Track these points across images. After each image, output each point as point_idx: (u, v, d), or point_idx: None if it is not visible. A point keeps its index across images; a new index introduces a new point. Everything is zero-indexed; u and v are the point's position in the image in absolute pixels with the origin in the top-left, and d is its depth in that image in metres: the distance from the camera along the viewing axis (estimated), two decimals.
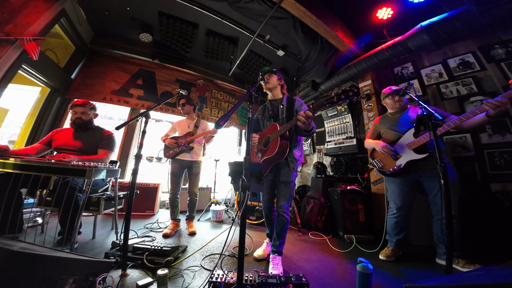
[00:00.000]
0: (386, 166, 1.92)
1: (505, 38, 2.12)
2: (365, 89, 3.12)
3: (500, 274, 0.67)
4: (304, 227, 2.77)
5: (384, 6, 2.62)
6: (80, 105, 2.07)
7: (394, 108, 2.02)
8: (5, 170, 1.50)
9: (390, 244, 1.90)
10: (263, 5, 2.52)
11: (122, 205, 2.36)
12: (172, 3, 2.83)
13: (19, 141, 2.92)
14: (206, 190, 3.80)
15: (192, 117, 2.76)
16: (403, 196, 1.83)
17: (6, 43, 2.12)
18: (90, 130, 2.13)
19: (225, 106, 4.92)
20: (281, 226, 1.69)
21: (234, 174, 1.15)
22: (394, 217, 1.88)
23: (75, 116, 2.05)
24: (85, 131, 2.10)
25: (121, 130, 2.83)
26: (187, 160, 2.55)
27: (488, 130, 2.09)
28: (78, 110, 2.05)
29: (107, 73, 3.69)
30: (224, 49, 3.76)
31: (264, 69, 1.82)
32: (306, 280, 1.23)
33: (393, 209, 1.90)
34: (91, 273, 1.07)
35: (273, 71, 1.85)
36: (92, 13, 3.13)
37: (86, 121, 2.09)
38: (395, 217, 1.87)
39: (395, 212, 1.87)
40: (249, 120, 1.14)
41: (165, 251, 1.57)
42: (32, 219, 2.28)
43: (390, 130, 1.96)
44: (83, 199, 1.60)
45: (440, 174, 1.21)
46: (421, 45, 2.42)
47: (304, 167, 4.43)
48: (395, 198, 1.88)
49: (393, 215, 1.89)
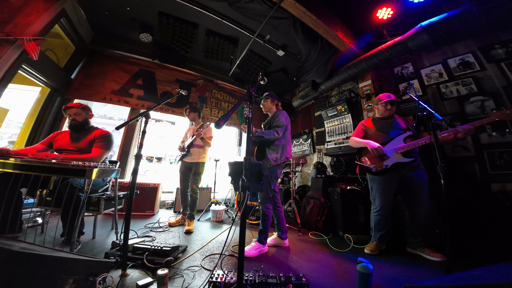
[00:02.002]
0: (373, 165, 2.03)
1: (505, 38, 2.12)
2: (365, 89, 3.12)
3: (501, 274, 0.67)
4: (304, 227, 2.77)
5: (384, 6, 2.62)
6: (70, 107, 2.09)
7: (383, 115, 2.14)
8: (5, 170, 1.50)
9: (374, 239, 2.03)
10: (263, 5, 2.53)
11: (122, 205, 2.36)
12: (172, 3, 2.83)
13: (19, 141, 2.92)
14: (206, 190, 3.80)
15: (198, 122, 2.95)
16: (387, 194, 1.98)
17: (6, 43, 2.12)
18: (86, 130, 2.13)
19: (225, 106, 4.92)
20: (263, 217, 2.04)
21: (234, 174, 1.15)
22: (378, 215, 2.00)
23: (70, 119, 2.09)
24: (82, 132, 2.11)
25: (121, 130, 2.83)
26: (189, 162, 2.80)
27: (488, 130, 2.09)
28: (70, 112, 2.07)
29: (107, 73, 3.69)
30: (224, 49, 3.76)
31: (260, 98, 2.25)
32: (306, 280, 1.23)
33: (376, 206, 2.02)
34: (91, 273, 1.07)
35: (266, 96, 2.24)
36: (92, 13, 3.13)
37: (81, 122, 2.09)
38: (378, 214, 2.00)
39: (378, 208, 2.00)
40: (249, 119, 1.14)
41: (165, 251, 1.57)
42: (32, 219, 2.28)
43: (379, 133, 2.08)
44: (83, 199, 1.60)
45: (440, 174, 1.21)
46: (421, 45, 2.43)
47: (304, 167, 4.43)
48: (379, 196, 2.00)
49: (376, 212, 2.02)
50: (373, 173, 2.01)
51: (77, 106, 2.11)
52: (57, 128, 3.17)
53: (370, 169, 2.02)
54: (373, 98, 2.99)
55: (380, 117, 2.18)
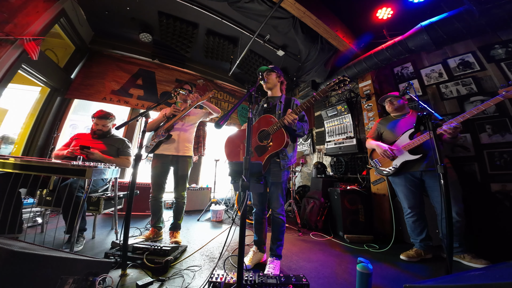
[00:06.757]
0: (383, 166, 1.99)
1: (505, 38, 2.12)
2: (365, 89, 3.12)
3: (501, 274, 0.67)
4: (304, 227, 2.77)
5: (384, 6, 2.62)
6: (102, 118, 2.18)
7: (390, 111, 2.15)
8: (5, 170, 1.49)
9: (415, 246, 1.86)
10: (263, 5, 2.52)
11: (122, 205, 2.36)
12: (172, 3, 2.83)
13: (19, 141, 2.92)
14: (206, 190, 3.80)
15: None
16: (411, 194, 1.86)
17: (6, 43, 2.11)
18: (108, 137, 2.27)
19: (225, 106, 4.92)
20: (278, 228, 1.60)
21: (234, 174, 1.15)
22: (410, 217, 1.87)
23: (97, 128, 2.18)
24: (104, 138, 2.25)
25: (121, 130, 2.83)
26: (170, 155, 2.08)
27: (488, 130, 2.09)
28: (100, 123, 2.19)
29: (107, 73, 3.69)
30: (224, 49, 3.76)
31: (261, 68, 1.75)
32: (306, 281, 1.22)
33: (406, 209, 1.90)
34: (91, 273, 1.07)
35: (271, 69, 1.79)
36: (92, 13, 3.13)
37: (105, 131, 2.24)
38: (410, 216, 1.87)
39: (409, 211, 1.88)
40: (249, 120, 1.14)
41: (165, 251, 1.57)
42: (32, 219, 2.28)
43: (389, 130, 2.04)
44: (83, 199, 1.60)
45: (440, 174, 1.20)
46: (421, 45, 2.43)
47: (304, 167, 4.42)
48: (405, 198, 1.90)
49: (408, 215, 1.89)
50: (386, 175, 1.98)
51: (109, 117, 2.22)
52: (57, 128, 3.17)
53: (382, 172, 1.99)
54: (373, 98, 2.99)
55: (390, 115, 2.18)
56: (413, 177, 1.86)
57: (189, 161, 2.18)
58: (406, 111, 2.07)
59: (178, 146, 2.10)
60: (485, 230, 1.89)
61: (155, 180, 2.08)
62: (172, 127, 2.09)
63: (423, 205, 1.87)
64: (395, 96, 2.09)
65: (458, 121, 1.56)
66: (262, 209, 1.71)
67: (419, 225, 1.83)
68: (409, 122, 1.94)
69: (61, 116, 3.25)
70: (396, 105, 2.07)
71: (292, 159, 1.66)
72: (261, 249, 1.70)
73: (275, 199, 1.61)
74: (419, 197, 1.86)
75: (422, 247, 1.80)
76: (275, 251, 1.59)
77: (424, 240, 1.80)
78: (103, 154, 2.04)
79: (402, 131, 1.92)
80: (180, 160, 2.12)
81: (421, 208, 1.86)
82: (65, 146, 2.10)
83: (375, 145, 2.02)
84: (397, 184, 1.96)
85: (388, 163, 1.94)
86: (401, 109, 2.07)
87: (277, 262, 1.56)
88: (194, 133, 2.30)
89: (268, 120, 1.62)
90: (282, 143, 1.48)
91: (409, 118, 1.99)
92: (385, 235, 2.35)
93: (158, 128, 2.15)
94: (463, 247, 1.66)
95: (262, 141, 1.62)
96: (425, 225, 1.84)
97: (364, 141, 2.99)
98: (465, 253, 1.65)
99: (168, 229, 2.12)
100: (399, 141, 1.91)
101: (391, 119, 2.12)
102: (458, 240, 1.66)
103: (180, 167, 2.12)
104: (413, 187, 1.86)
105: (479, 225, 1.91)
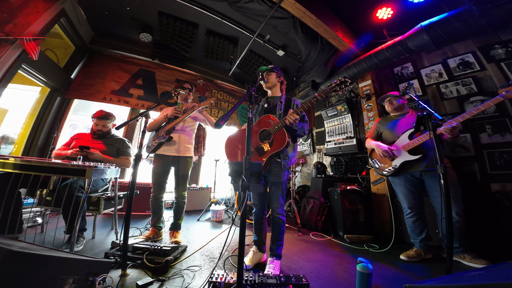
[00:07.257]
0: (383, 167, 1.99)
1: (505, 38, 2.12)
2: (365, 89, 3.12)
3: (501, 274, 0.67)
4: (304, 227, 2.77)
5: (384, 6, 2.62)
6: (102, 118, 2.19)
7: (389, 111, 2.16)
8: (5, 170, 1.49)
9: (415, 246, 1.87)
10: (263, 5, 2.52)
11: (122, 205, 2.36)
12: (172, 3, 2.83)
13: (19, 141, 2.92)
14: (206, 190, 3.80)
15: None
16: (411, 194, 1.86)
17: (6, 43, 2.11)
18: (108, 137, 2.28)
19: (225, 106, 4.92)
20: (277, 228, 1.60)
21: (234, 174, 1.15)
22: (410, 217, 1.87)
23: (97, 128, 2.19)
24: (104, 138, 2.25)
25: (121, 130, 2.82)
26: (171, 156, 2.11)
27: (488, 130, 2.09)
28: (100, 123, 2.19)
29: (107, 73, 3.68)
30: (224, 49, 3.76)
31: (261, 68, 1.76)
32: (306, 281, 1.22)
33: (406, 209, 1.90)
34: (91, 273, 1.07)
35: (271, 69, 1.79)
36: (92, 13, 3.13)
37: (105, 132, 2.24)
38: (410, 216, 1.87)
39: (408, 211, 1.88)
40: (249, 120, 1.14)
41: (165, 251, 1.57)
42: (32, 219, 2.28)
43: (389, 130, 2.04)
44: (83, 199, 1.60)
45: (440, 174, 1.20)
46: (421, 45, 2.43)
47: (304, 167, 4.42)
48: (405, 198, 1.89)
49: (408, 215, 1.89)
50: (386, 175, 1.98)
51: (109, 117, 2.23)
52: (57, 128, 3.17)
53: (382, 172, 1.99)
54: (373, 98, 2.99)
55: (390, 114, 2.18)
56: (412, 177, 1.86)
57: (189, 161, 2.21)
58: (406, 111, 2.07)
59: (179, 147, 2.13)
60: (485, 230, 1.89)
61: (156, 180, 2.10)
62: (173, 129, 2.11)
63: (423, 205, 1.87)
64: (394, 96, 2.09)
65: (458, 121, 1.56)
66: (262, 209, 1.70)
67: (419, 225, 1.83)
68: (409, 122, 1.94)
69: (61, 116, 3.25)
70: (395, 105, 2.07)
71: (293, 159, 1.66)
72: (261, 249, 1.70)
73: (275, 199, 1.61)
74: (419, 197, 1.86)
75: (422, 247, 1.80)
76: (275, 251, 1.59)
77: (424, 240, 1.80)
78: (103, 154, 2.05)
79: (401, 131, 1.92)
80: (181, 160, 2.15)
81: (421, 208, 1.86)
82: (65, 146, 2.11)
83: (375, 145, 2.01)
84: (397, 184, 1.96)
85: (388, 163, 1.94)
86: (400, 108, 2.07)
87: (277, 262, 1.56)
88: (194, 134, 2.34)
89: (269, 120, 1.63)
90: (283, 143, 1.49)
91: (409, 118, 1.99)
92: (385, 235, 2.35)
93: (159, 129, 2.16)
94: (463, 247, 1.66)
95: (263, 141, 1.62)
96: (425, 225, 1.84)
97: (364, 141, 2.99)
98: (465, 253, 1.65)
99: (168, 229, 2.14)
100: (398, 141, 1.91)
101: (390, 119, 2.11)
102: (458, 240, 1.66)
103: (181, 167, 2.14)
104: (413, 187, 1.86)
105: (479, 225, 1.91)
